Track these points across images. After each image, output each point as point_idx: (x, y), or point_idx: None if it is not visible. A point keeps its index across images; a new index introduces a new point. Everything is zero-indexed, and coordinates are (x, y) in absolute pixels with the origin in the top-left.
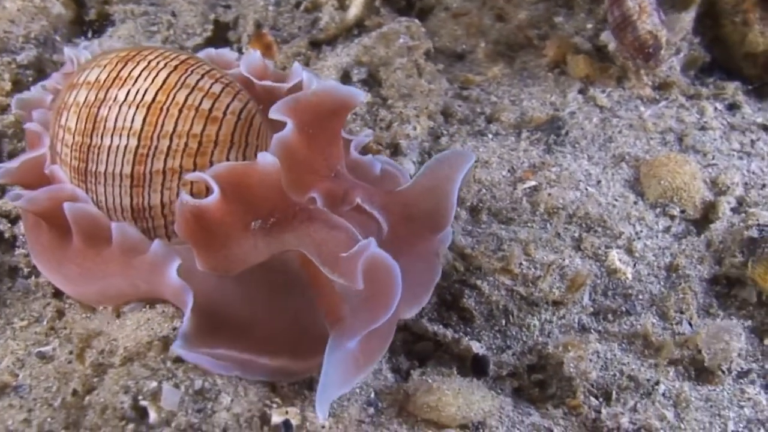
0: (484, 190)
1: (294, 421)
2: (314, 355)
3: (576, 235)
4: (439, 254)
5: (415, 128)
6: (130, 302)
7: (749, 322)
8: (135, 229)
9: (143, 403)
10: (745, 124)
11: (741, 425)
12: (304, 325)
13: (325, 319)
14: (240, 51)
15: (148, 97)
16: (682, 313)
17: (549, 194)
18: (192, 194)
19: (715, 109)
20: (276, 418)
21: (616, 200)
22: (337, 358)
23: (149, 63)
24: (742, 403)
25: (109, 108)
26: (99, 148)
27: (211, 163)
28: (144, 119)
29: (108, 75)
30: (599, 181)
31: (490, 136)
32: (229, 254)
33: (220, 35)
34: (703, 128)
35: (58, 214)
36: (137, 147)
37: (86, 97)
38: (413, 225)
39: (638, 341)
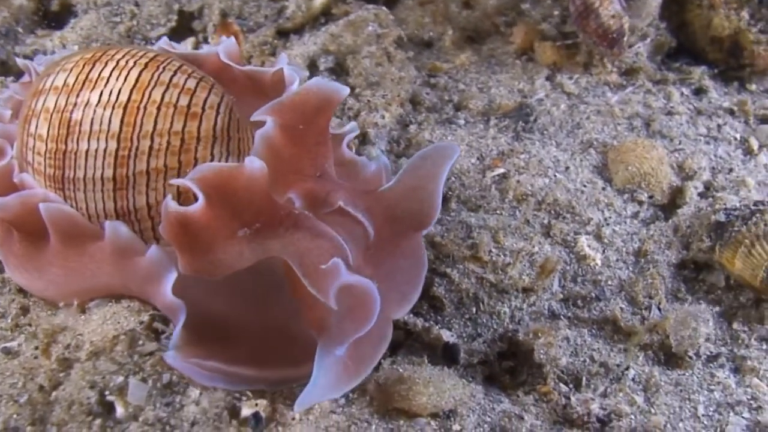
0: (453, 178)
1: (264, 413)
2: (308, 361)
3: (545, 221)
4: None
5: (383, 117)
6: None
7: (718, 307)
8: (127, 229)
9: (110, 398)
10: (711, 108)
11: (711, 409)
12: (293, 333)
13: (310, 329)
14: (206, 41)
15: (123, 97)
16: (650, 298)
17: (518, 181)
18: (179, 196)
19: (682, 94)
20: (246, 411)
21: (584, 186)
22: (327, 365)
23: (118, 62)
24: (712, 387)
25: (83, 111)
26: (76, 154)
27: (196, 160)
28: (121, 120)
29: (76, 78)
30: (567, 168)
31: (459, 123)
32: (214, 259)
33: (185, 25)
34: (669, 113)
35: (31, 219)
36: (117, 149)
37: (56, 103)
38: (397, 225)
39: (608, 327)
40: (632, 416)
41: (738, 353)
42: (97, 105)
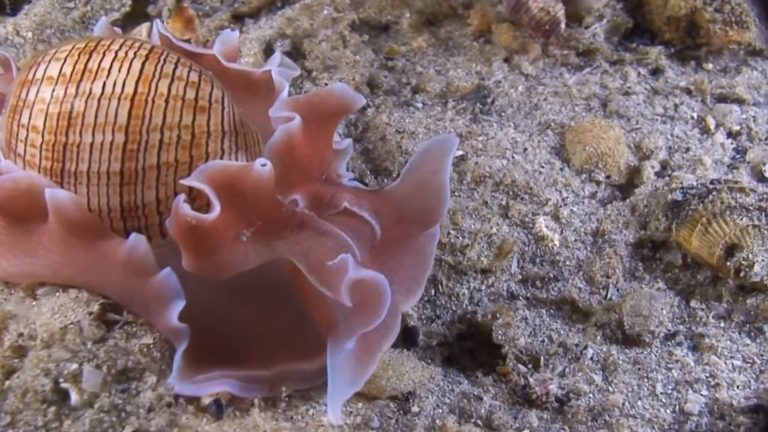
0: None
1: (224, 401)
2: (320, 353)
3: (503, 202)
4: (432, 250)
5: None
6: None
7: (677, 287)
8: (147, 246)
9: (64, 385)
10: (668, 88)
11: (669, 387)
12: (302, 329)
13: (319, 328)
14: None
15: (129, 89)
16: (608, 277)
17: (476, 163)
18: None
19: (639, 74)
20: (206, 398)
21: (542, 167)
22: (340, 361)
23: (116, 54)
24: (670, 365)
25: (86, 102)
26: (78, 146)
27: (207, 155)
28: (129, 113)
29: (74, 68)
30: (525, 149)
31: (417, 106)
32: (219, 261)
33: (140, 10)
34: (626, 93)
35: (20, 202)
36: (125, 142)
37: (53, 93)
38: (406, 225)
39: (566, 307)
40: (591, 395)
41: (696, 331)
42: (101, 96)
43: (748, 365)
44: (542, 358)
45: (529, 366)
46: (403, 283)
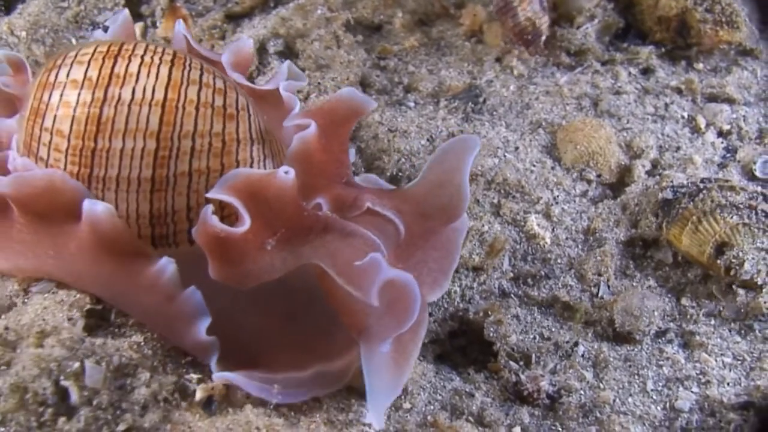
0: (403, 159)
1: (217, 398)
2: (349, 350)
3: (495, 201)
4: (459, 242)
5: None
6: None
7: (668, 285)
8: (175, 268)
9: (65, 383)
10: (658, 87)
11: (660, 384)
12: (330, 330)
13: (350, 331)
14: (154, 25)
15: (159, 95)
16: (599, 275)
17: None
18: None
19: (629, 73)
20: (200, 394)
21: (533, 166)
22: (376, 365)
23: (142, 59)
24: (661, 362)
25: (115, 108)
26: (108, 152)
27: (238, 163)
28: (160, 119)
29: (99, 72)
30: (517, 148)
31: (409, 105)
32: (244, 270)
33: (132, 9)
34: (617, 93)
35: (43, 200)
36: (156, 149)
37: (79, 97)
38: (427, 222)
39: (557, 305)
40: (582, 392)
41: (686, 329)
42: (131, 102)
43: (739, 362)
44: (533, 355)
45: (521, 363)
46: (428, 276)
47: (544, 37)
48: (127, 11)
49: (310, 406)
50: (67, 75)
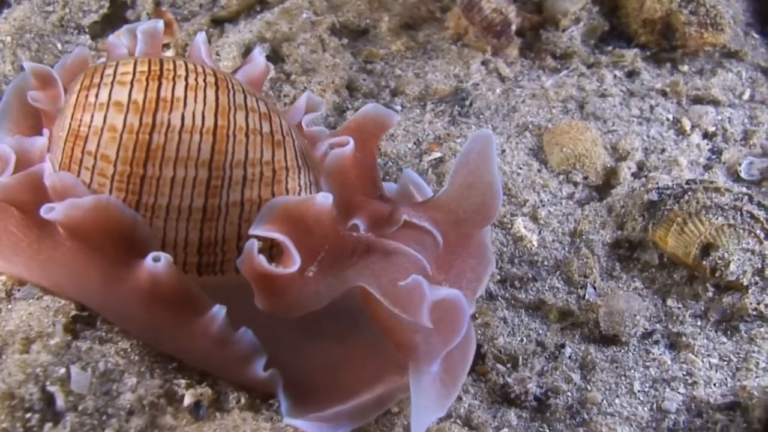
0: (390, 163)
1: (205, 403)
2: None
3: None
4: (489, 244)
5: None
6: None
7: (653, 286)
8: (224, 317)
9: (51, 389)
10: (644, 90)
11: (647, 385)
12: (384, 348)
13: (397, 351)
14: None
15: (209, 123)
16: (585, 277)
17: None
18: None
19: (615, 76)
20: (188, 399)
21: (520, 168)
22: (425, 384)
23: (187, 82)
24: (648, 364)
25: (166, 135)
26: (158, 180)
27: (287, 191)
28: (212, 147)
29: (145, 96)
30: (504, 151)
31: (396, 108)
32: (290, 300)
33: (118, 14)
34: (603, 95)
35: (94, 228)
36: (209, 178)
37: (125, 122)
38: (463, 227)
39: (545, 307)
40: (569, 393)
41: (673, 330)
42: (181, 129)
43: (725, 363)
44: (521, 358)
45: (508, 365)
46: (468, 288)
47: (514, 26)
48: (158, 21)
49: None
50: (110, 96)
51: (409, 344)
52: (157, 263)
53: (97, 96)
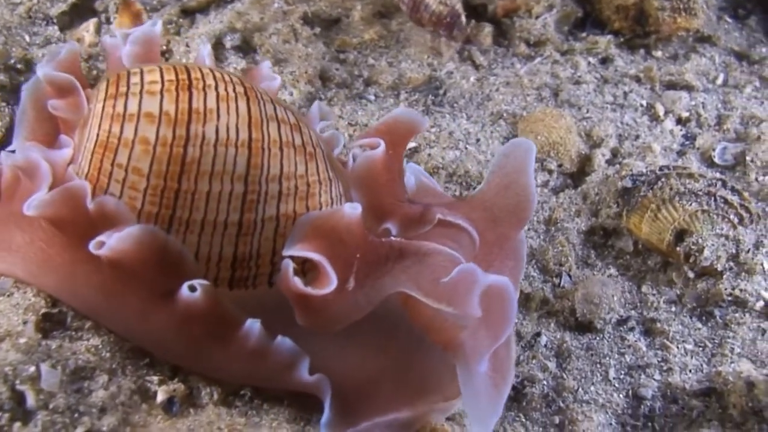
0: None
1: (178, 399)
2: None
3: (456, 193)
4: (525, 252)
5: (291, 94)
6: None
7: (628, 273)
8: (261, 329)
9: (20, 387)
10: (617, 76)
11: (622, 372)
12: (426, 356)
13: (445, 352)
14: (108, 21)
15: (243, 136)
16: (561, 265)
17: (429, 155)
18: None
19: (589, 63)
20: (161, 396)
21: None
22: (476, 387)
23: (218, 92)
24: (623, 350)
25: (201, 149)
26: (194, 195)
27: (321, 205)
28: (248, 161)
29: (177, 107)
30: (478, 140)
31: (370, 98)
32: (331, 316)
33: (86, 5)
34: (577, 83)
35: (137, 258)
36: (245, 193)
37: (158, 134)
38: (499, 227)
39: (520, 296)
40: (545, 382)
41: (647, 316)
42: (216, 143)
43: (700, 349)
44: None
45: None
46: None
47: (463, 18)
48: (157, 24)
49: (271, 404)
50: (139, 107)
51: (455, 341)
52: (194, 294)
53: (125, 106)
